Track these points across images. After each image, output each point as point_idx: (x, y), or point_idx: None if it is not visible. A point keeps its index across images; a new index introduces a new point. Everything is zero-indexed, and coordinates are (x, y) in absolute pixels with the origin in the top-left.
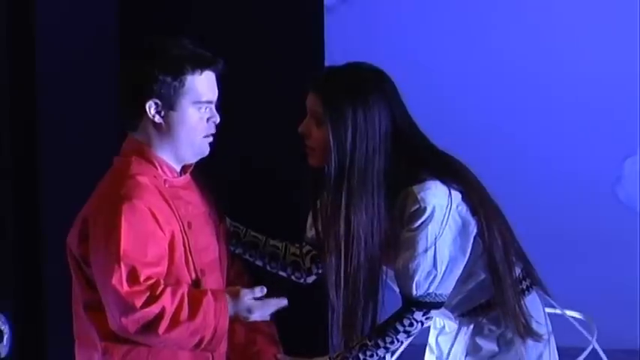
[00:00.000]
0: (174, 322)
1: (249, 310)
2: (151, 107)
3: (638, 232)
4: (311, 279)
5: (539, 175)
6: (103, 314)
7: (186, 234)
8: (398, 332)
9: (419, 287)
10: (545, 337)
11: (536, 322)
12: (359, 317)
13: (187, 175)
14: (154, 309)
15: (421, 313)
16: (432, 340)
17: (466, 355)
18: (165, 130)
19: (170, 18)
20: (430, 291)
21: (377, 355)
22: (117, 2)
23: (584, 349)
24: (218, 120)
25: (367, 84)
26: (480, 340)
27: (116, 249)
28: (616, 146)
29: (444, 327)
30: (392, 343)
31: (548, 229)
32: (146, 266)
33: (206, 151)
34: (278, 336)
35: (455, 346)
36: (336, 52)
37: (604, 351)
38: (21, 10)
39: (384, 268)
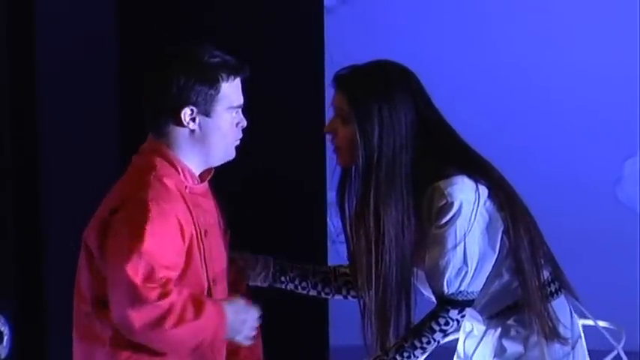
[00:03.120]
0: (181, 319)
1: (244, 322)
2: (186, 114)
3: (639, 234)
4: None
5: (539, 176)
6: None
7: (202, 242)
8: (434, 332)
9: (450, 285)
10: (572, 341)
11: (563, 326)
12: (392, 317)
13: (206, 183)
14: (164, 304)
15: (456, 311)
16: (460, 344)
17: (493, 357)
18: (199, 136)
19: (169, 18)
20: (462, 289)
21: (414, 355)
22: (116, 2)
23: (605, 353)
24: (245, 124)
25: (392, 81)
26: (505, 342)
27: (139, 245)
28: (616, 147)
29: (472, 330)
30: (428, 343)
31: (548, 230)
32: (163, 268)
33: (233, 155)
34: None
35: (480, 348)
36: (336, 52)
37: (604, 352)
38: (21, 10)
39: (415, 270)
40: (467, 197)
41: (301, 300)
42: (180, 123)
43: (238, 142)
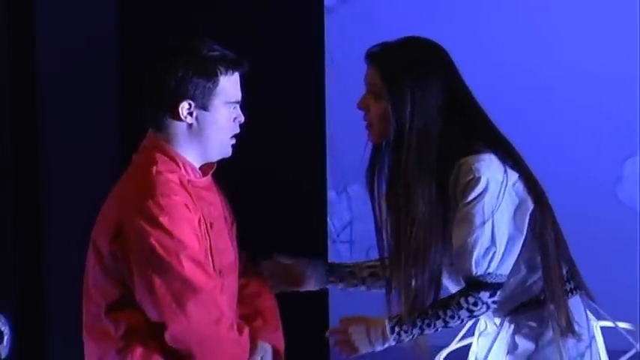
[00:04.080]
0: (232, 326)
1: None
2: (183, 108)
3: (639, 233)
4: None
5: (538, 176)
6: (127, 312)
7: (209, 234)
8: (461, 308)
9: (478, 265)
10: (586, 338)
11: (578, 324)
12: (421, 294)
13: (209, 176)
14: (221, 302)
15: (487, 294)
16: (474, 342)
17: (506, 354)
18: (196, 130)
19: (170, 18)
20: (490, 270)
21: (434, 325)
22: (117, 2)
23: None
24: (243, 120)
25: (425, 57)
26: (518, 339)
27: (171, 241)
28: (616, 147)
29: (485, 328)
30: (452, 317)
31: None
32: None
33: (229, 152)
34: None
35: (495, 346)
36: (337, 52)
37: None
38: (21, 10)
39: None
40: (494, 175)
41: (301, 300)
42: (177, 117)
43: (234, 139)
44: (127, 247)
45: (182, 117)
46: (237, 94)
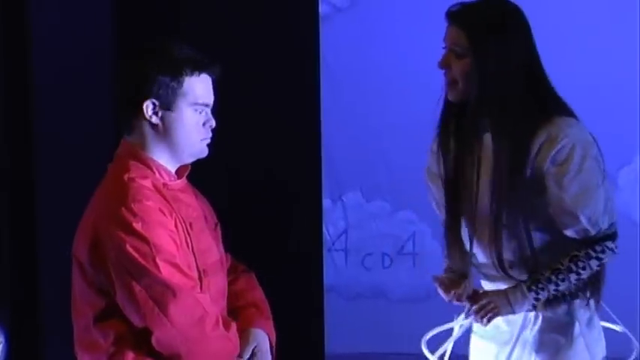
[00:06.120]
0: (217, 323)
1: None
2: (148, 107)
3: (638, 242)
4: None
5: None
6: (114, 321)
7: (189, 234)
8: (590, 258)
9: (604, 221)
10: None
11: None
12: (521, 240)
13: (184, 179)
14: (203, 299)
15: (611, 241)
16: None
17: (536, 351)
18: (162, 131)
19: (166, 26)
20: (613, 220)
21: (568, 280)
22: (113, 7)
23: None
24: (214, 124)
25: (509, 19)
26: (547, 335)
27: (147, 246)
28: (613, 155)
29: (499, 327)
30: (583, 268)
31: None
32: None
33: (204, 152)
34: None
35: (520, 342)
36: (332, 60)
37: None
38: (15, 17)
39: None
40: (587, 136)
41: (297, 307)
42: (142, 116)
43: (208, 141)
44: (104, 256)
45: (147, 116)
46: (205, 96)
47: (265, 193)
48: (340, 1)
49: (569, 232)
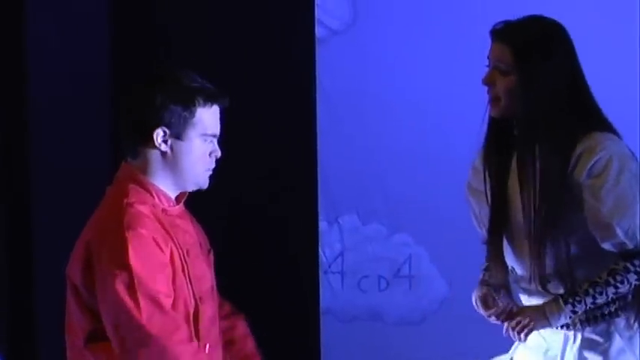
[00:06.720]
0: (190, 336)
1: None
2: (158, 135)
3: None
4: None
5: None
6: (107, 343)
7: (185, 261)
8: (629, 272)
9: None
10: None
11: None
12: (560, 256)
13: (182, 204)
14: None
15: None
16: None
17: None
18: (170, 158)
19: (161, 48)
20: None
21: (605, 293)
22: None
23: None
24: (219, 155)
25: (554, 37)
26: (587, 353)
27: (131, 279)
28: None
29: (548, 350)
30: (622, 282)
31: None
32: (164, 295)
33: (206, 184)
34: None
35: None
36: (328, 84)
37: None
38: (11, 30)
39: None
40: (624, 150)
41: (294, 330)
42: (152, 144)
43: (211, 172)
44: (95, 279)
45: (157, 144)
46: (214, 127)
47: (262, 216)
48: (337, 24)
49: (606, 246)
